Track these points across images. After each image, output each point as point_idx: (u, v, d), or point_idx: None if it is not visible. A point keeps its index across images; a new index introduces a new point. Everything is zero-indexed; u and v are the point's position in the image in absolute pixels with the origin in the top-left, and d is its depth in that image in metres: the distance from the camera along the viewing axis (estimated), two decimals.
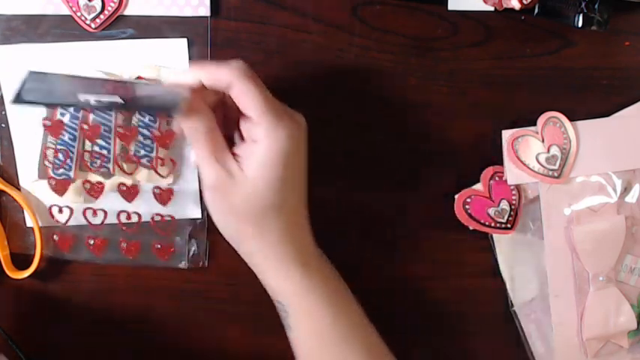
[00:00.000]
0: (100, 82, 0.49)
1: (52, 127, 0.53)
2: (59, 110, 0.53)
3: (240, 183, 0.47)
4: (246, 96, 0.46)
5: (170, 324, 0.59)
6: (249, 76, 0.46)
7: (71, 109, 0.52)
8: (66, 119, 0.53)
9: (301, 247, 0.50)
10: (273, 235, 0.49)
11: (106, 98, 0.46)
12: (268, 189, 0.47)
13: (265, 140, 0.46)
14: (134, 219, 0.56)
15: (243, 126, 0.48)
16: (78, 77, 0.49)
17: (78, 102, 0.46)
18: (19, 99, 0.45)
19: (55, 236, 0.56)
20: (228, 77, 0.46)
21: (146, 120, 0.53)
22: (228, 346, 0.60)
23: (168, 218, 0.56)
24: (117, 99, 0.46)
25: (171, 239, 0.56)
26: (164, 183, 0.55)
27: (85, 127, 0.53)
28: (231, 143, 0.49)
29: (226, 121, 0.49)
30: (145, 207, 0.56)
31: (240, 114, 0.48)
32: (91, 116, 0.53)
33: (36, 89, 0.46)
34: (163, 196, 0.55)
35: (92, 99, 0.45)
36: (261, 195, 0.47)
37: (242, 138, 0.49)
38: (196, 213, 0.56)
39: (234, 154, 0.48)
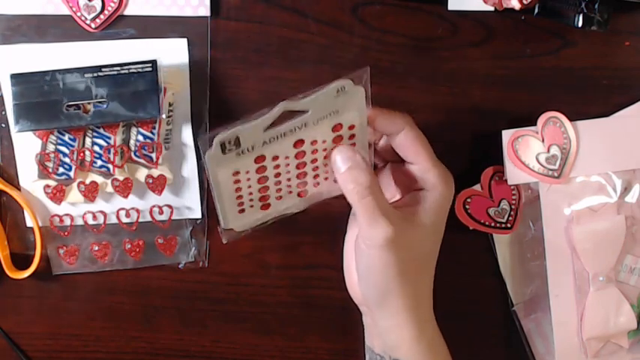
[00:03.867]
0: None
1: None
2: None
3: (411, 235, 0.46)
4: (418, 142, 0.47)
5: (170, 324, 0.59)
6: (416, 126, 0.48)
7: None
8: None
9: (431, 303, 0.50)
10: (424, 289, 0.48)
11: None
12: (436, 237, 0.48)
13: (439, 186, 0.47)
14: (133, 215, 0.56)
15: (405, 175, 0.49)
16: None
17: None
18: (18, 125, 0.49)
19: (60, 250, 0.56)
20: (402, 121, 0.47)
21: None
22: (228, 346, 0.60)
23: (167, 209, 0.56)
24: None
25: (173, 232, 0.56)
26: (155, 171, 0.54)
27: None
28: None
29: None
30: (142, 200, 0.55)
31: (398, 164, 0.49)
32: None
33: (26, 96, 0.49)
34: (157, 184, 0.54)
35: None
36: (431, 243, 0.48)
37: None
38: (196, 213, 0.56)
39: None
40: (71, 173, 0.53)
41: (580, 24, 0.52)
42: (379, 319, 0.49)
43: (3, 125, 0.54)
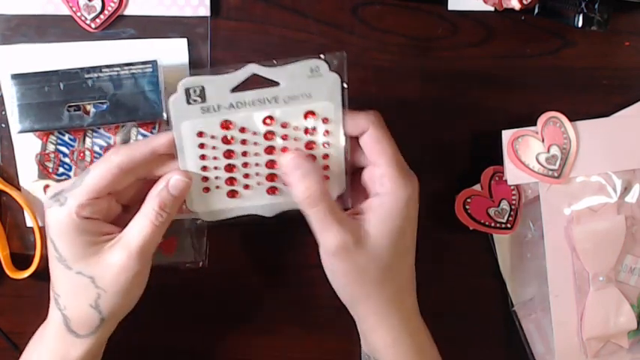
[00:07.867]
0: None
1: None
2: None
3: (365, 242, 0.46)
4: (380, 143, 0.46)
5: (170, 324, 0.59)
6: (383, 126, 0.46)
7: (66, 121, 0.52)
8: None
9: (411, 307, 0.49)
10: (397, 294, 0.48)
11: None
12: (399, 242, 0.47)
13: (396, 190, 0.46)
14: None
15: (368, 178, 0.48)
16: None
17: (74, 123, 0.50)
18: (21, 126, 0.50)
19: None
20: (366, 122, 0.46)
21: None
22: (227, 346, 0.60)
23: None
24: None
25: (173, 232, 0.56)
26: None
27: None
28: None
29: None
30: None
31: (359, 170, 0.48)
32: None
33: (29, 97, 0.50)
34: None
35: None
36: (386, 251, 0.46)
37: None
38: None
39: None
40: (71, 173, 0.53)
41: (580, 24, 0.52)
42: (357, 322, 0.49)
43: (3, 125, 0.54)
